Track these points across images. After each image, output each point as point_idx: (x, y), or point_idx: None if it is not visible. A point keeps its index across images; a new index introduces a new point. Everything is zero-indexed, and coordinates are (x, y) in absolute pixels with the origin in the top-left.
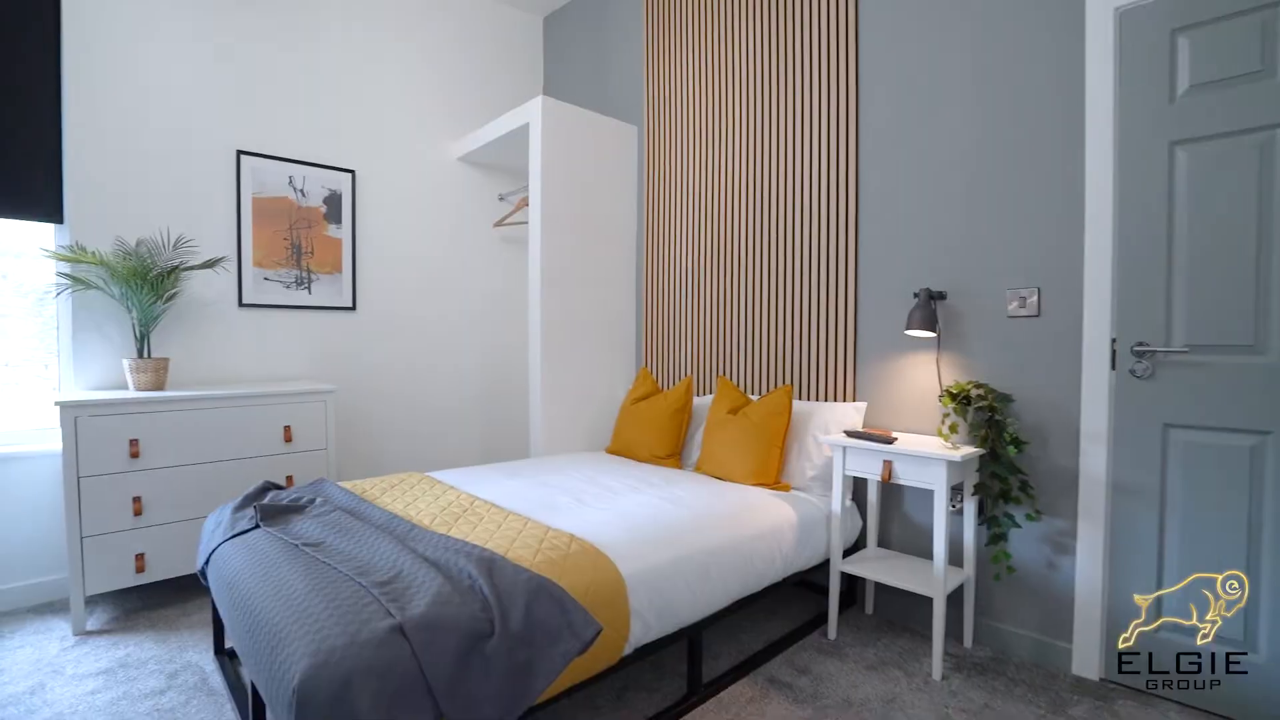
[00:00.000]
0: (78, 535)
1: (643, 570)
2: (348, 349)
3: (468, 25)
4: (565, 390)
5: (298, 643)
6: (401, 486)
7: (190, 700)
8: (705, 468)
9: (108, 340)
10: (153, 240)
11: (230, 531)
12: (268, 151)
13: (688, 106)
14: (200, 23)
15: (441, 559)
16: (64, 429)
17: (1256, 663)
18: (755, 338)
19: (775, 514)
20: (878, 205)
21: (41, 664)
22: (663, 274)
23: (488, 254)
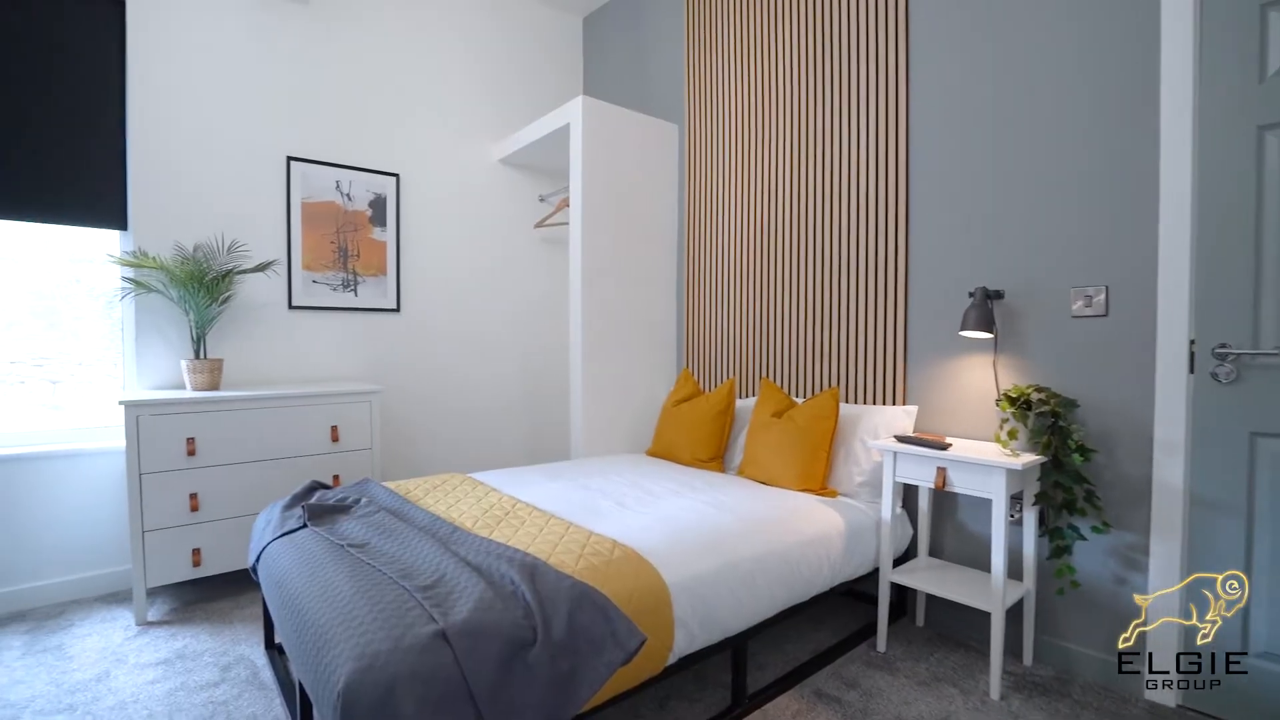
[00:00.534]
0: (140, 529)
1: (687, 578)
2: (392, 350)
3: (508, 27)
4: (606, 391)
5: (342, 645)
6: (444, 488)
7: (242, 694)
8: (748, 472)
9: (167, 341)
10: (209, 245)
11: (279, 530)
12: (316, 157)
13: (729, 102)
14: (253, 34)
15: (484, 563)
16: (127, 427)
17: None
18: (800, 339)
19: (822, 521)
20: (930, 200)
21: (107, 652)
22: (704, 273)
23: (529, 255)
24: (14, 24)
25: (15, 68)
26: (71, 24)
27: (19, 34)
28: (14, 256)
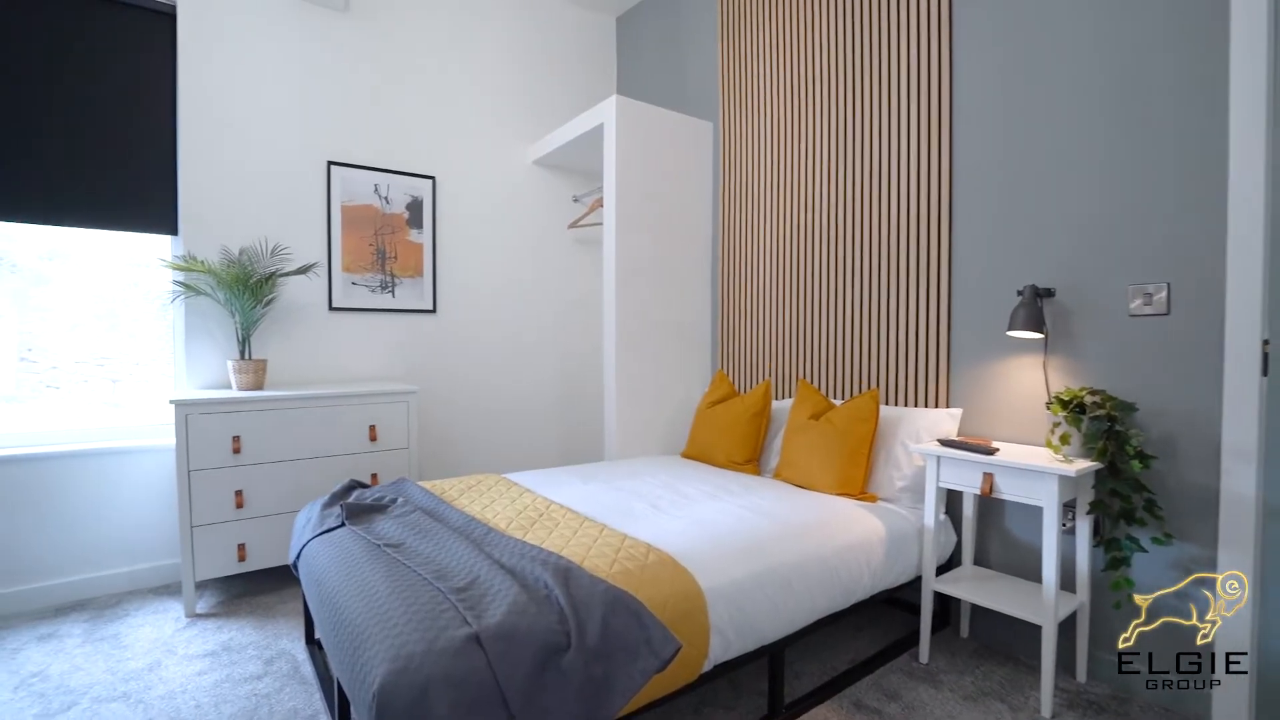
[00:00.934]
0: (189, 525)
1: (723, 584)
2: (428, 350)
3: (542, 29)
4: (640, 392)
5: (378, 646)
6: (479, 488)
7: (284, 687)
8: (785, 475)
9: (215, 342)
10: (253, 249)
11: (318, 528)
12: (355, 161)
13: (765, 98)
14: (295, 43)
15: (517, 566)
16: (177, 425)
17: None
18: (838, 339)
19: (862, 526)
20: (974, 194)
21: (159, 643)
22: (739, 273)
23: (563, 256)
24: (72, 39)
25: (73, 81)
26: (126, 38)
27: (77, 49)
28: (78, 261)
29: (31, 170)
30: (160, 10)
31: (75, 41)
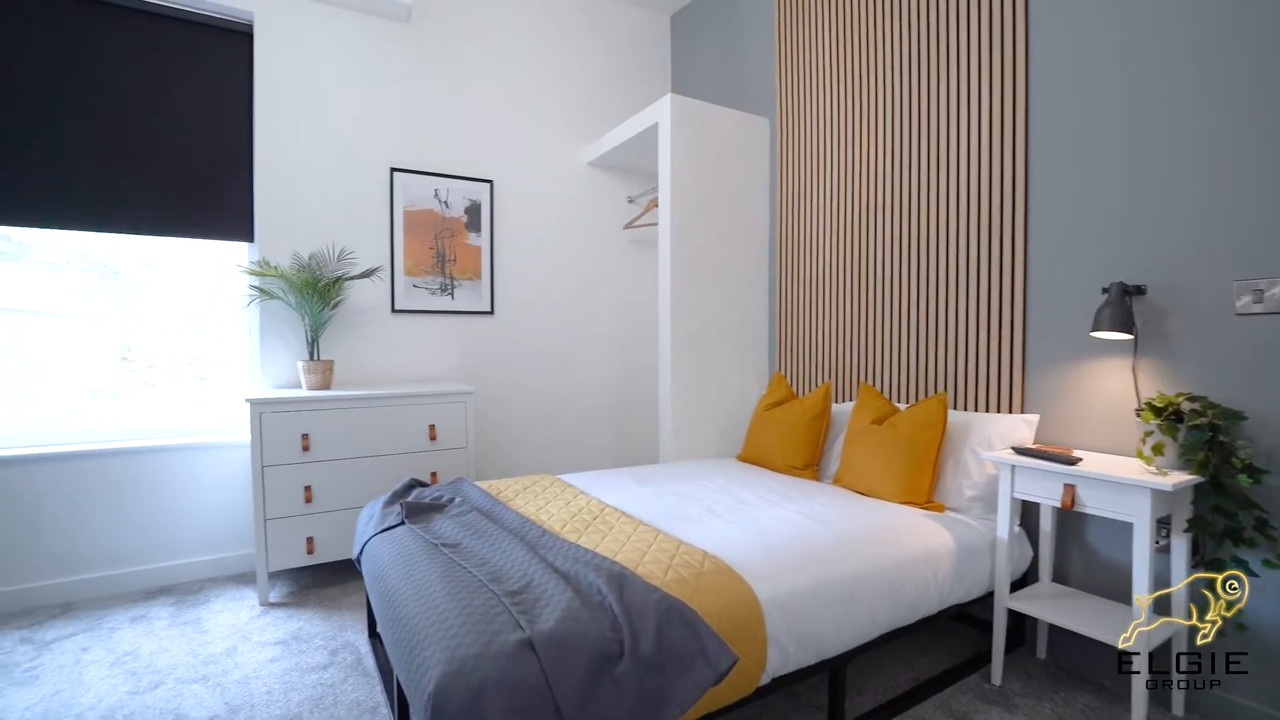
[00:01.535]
0: (262, 518)
1: (781, 594)
2: (486, 351)
3: (597, 31)
4: (695, 394)
5: (434, 647)
6: (534, 489)
7: (348, 678)
8: (846, 481)
9: (286, 343)
10: (322, 254)
11: (380, 526)
12: (416, 167)
13: (825, 92)
14: (360, 55)
15: (571, 570)
16: (252, 423)
17: None
18: (902, 340)
19: (929, 537)
20: (1053, 186)
21: (235, 629)
22: (798, 272)
23: (619, 257)
24: (158, 62)
25: (163, 102)
26: (210, 59)
27: (164, 71)
28: (171, 268)
29: (131, 186)
30: (239, 30)
31: (166, 65)
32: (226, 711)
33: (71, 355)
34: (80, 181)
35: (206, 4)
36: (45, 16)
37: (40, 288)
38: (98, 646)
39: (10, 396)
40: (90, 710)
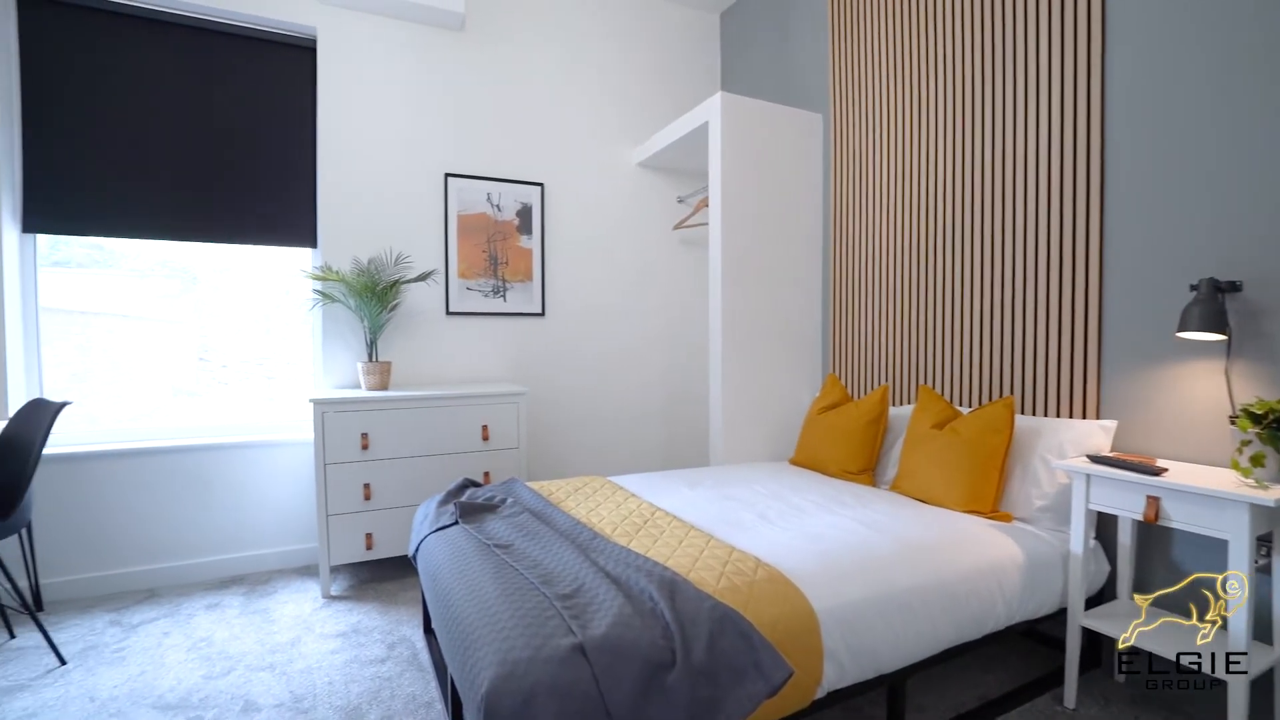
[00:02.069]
0: (324, 514)
1: (837, 605)
2: (537, 352)
3: (646, 31)
4: (747, 396)
5: (486, 648)
6: (585, 490)
7: (404, 672)
8: (904, 487)
9: (347, 345)
10: (380, 258)
11: (434, 525)
12: (469, 172)
13: (881, 85)
14: (416, 64)
15: (622, 575)
16: (315, 422)
17: None
18: (964, 341)
19: (995, 549)
20: (1133, 172)
21: (300, 620)
22: (853, 271)
23: (668, 257)
24: (231, 80)
25: (234, 116)
26: (278, 74)
27: (236, 88)
28: (243, 273)
29: (208, 198)
30: (304, 46)
31: (238, 82)
32: (291, 700)
33: (155, 356)
34: (162, 195)
35: (274, 22)
36: (130, 41)
37: (128, 293)
38: (177, 632)
39: (104, 395)
40: (170, 692)
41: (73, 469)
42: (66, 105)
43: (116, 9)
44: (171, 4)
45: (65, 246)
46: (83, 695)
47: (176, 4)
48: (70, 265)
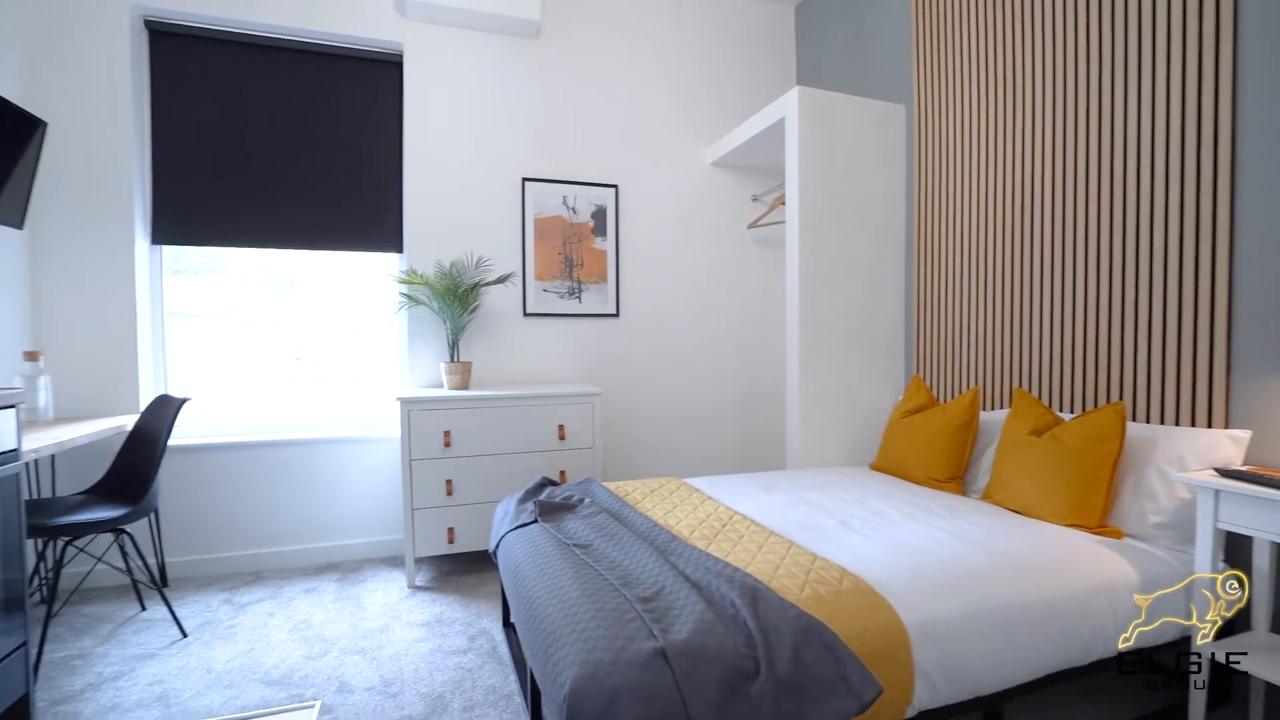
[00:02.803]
0: (410, 507)
1: (929, 620)
2: (611, 353)
3: (720, 29)
4: (825, 398)
5: (569, 648)
6: (661, 492)
7: (484, 664)
8: (998, 498)
9: (430, 346)
10: (461, 262)
11: (514, 523)
12: (546, 176)
13: (971, 71)
14: (494, 72)
15: (703, 580)
16: (401, 419)
17: None
18: (1065, 341)
19: (1106, 568)
20: (1270, 155)
21: (388, 608)
22: (939, 267)
23: (743, 257)
24: (326, 96)
25: (329, 129)
26: (366, 89)
27: (331, 103)
28: (336, 278)
29: (305, 209)
30: (391, 60)
31: (331, 98)
32: (381, 684)
33: (258, 356)
34: (266, 206)
35: (366, 40)
36: (240, 67)
37: (235, 298)
38: (280, 613)
39: (215, 391)
40: (275, 669)
41: (191, 459)
42: (186, 127)
43: (230, 38)
44: (275, 30)
45: (183, 256)
46: (201, 667)
47: (280, 29)
48: (187, 273)
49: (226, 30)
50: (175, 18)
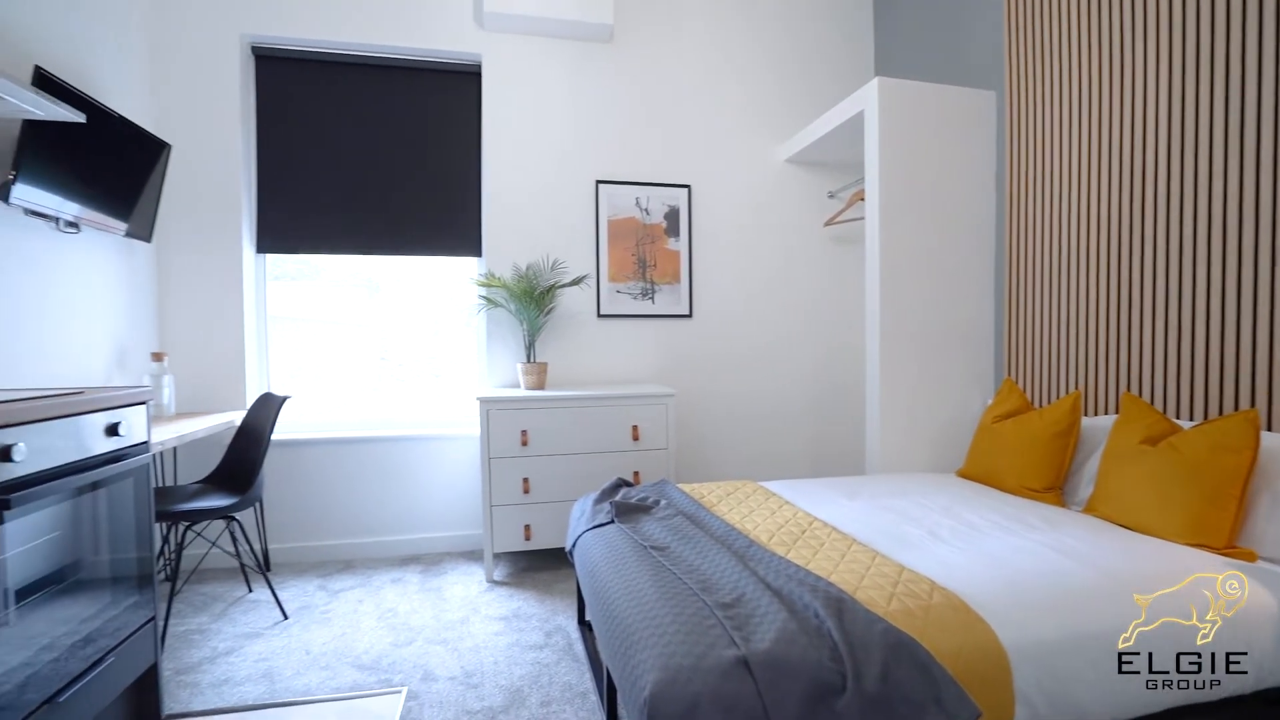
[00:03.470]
0: (489, 504)
1: (1029, 642)
2: (684, 354)
3: (794, 23)
4: (907, 401)
5: (648, 652)
6: (737, 495)
7: (560, 661)
8: (1104, 511)
9: (507, 347)
10: (537, 264)
11: (591, 523)
12: (619, 178)
13: (1072, 52)
14: (569, 78)
15: (784, 588)
16: (480, 418)
17: None
18: (1184, 341)
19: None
20: None
21: (468, 601)
22: (1034, 263)
23: (818, 255)
24: (410, 107)
25: (410, 140)
26: (447, 100)
27: (413, 115)
28: (418, 282)
29: (389, 216)
30: (470, 71)
31: (415, 109)
32: (463, 675)
33: (346, 356)
34: (355, 215)
35: (446, 53)
36: (332, 84)
37: (327, 301)
38: (369, 601)
39: (310, 391)
40: (365, 654)
41: (290, 453)
42: (285, 143)
43: (323, 58)
44: (363, 48)
45: (281, 263)
46: (300, 648)
47: (367, 47)
48: (284, 279)
49: (320, 51)
50: (278, 43)
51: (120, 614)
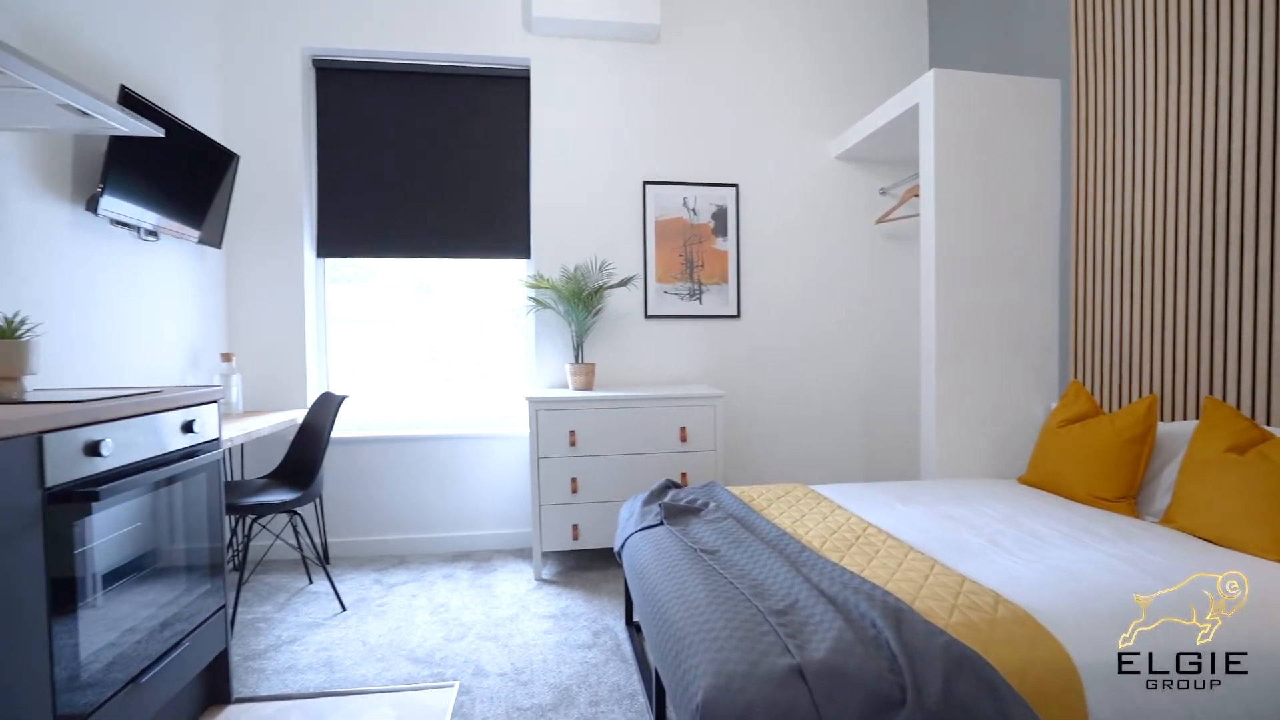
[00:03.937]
0: (537, 503)
1: (1104, 661)
2: (732, 354)
3: (842, 16)
4: (964, 404)
5: (700, 657)
6: (787, 499)
7: (609, 660)
8: (1182, 522)
9: (555, 348)
10: (585, 265)
11: (640, 524)
12: (666, 178)
13: (1147, 33)
14: (616, 80)
15: (839, 596)
16: (529, 418)
17: None
18: (1273, 343)
19: None
20: None
21: (517, 598)
22: (1104, 260)
23: (869, 254)
24: (462, 113)
25: (460, 145)
26: (497, 105)
27: (463, 121)
28: (467, 284)
29: (440, 219)
30: (519, 76)
31: (466, 115)
32: (513, 671)
33: (399, 357)
34: (407, 219)
35: (495, 59)
36: (387, 93)
37: (380, 303)
38: (422, 595)
39: (365, 390)
40: (419, 647)
41: (347, 450)
42: (343, 151)
43: (379, 68)
44: (416, 56)
45: (338, 266)
46: (358, 639)
47: (419, 55)
48: (341, 281)
49: (375, 61)
50: (337, 54)
51: (194, 601)
